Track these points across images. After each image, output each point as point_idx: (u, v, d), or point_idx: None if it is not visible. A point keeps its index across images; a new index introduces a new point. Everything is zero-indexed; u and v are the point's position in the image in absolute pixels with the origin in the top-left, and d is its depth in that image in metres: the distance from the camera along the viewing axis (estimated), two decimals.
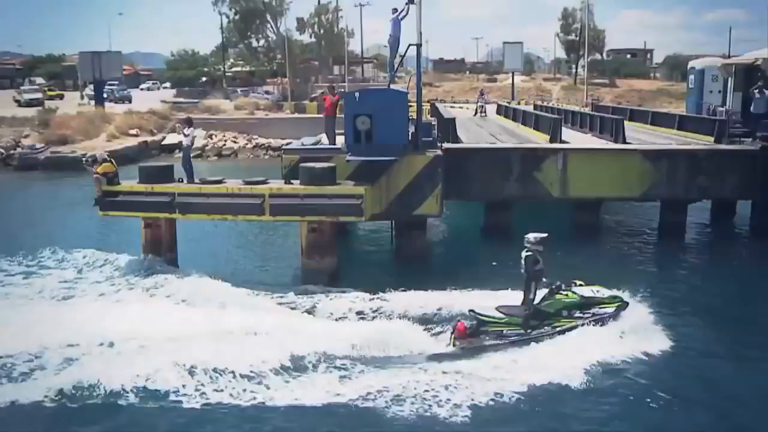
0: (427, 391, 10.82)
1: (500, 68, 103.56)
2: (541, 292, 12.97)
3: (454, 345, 12.48)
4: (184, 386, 10.93)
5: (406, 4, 17.52)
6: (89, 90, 70.60)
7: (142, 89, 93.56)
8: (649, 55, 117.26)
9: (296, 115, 53.15)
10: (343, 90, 67.85)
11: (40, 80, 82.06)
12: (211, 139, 49.16)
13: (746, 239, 21.76)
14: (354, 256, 20.00)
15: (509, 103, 43.42)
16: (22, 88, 71.31)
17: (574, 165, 19.97)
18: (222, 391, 10.88)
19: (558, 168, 20.05)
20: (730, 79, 25.59)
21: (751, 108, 21.79)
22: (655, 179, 20.04)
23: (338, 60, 77.04)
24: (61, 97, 73.76)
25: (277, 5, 70.16)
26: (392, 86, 18.72)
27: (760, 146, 20.41)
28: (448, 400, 10.59)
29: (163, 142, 48.09)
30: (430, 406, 10.46)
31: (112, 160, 17.45)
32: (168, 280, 16.17)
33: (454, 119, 24.03)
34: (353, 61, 79.99)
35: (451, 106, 45.34)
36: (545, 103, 44.83)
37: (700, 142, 22.44)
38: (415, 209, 17.64)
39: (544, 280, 12.55)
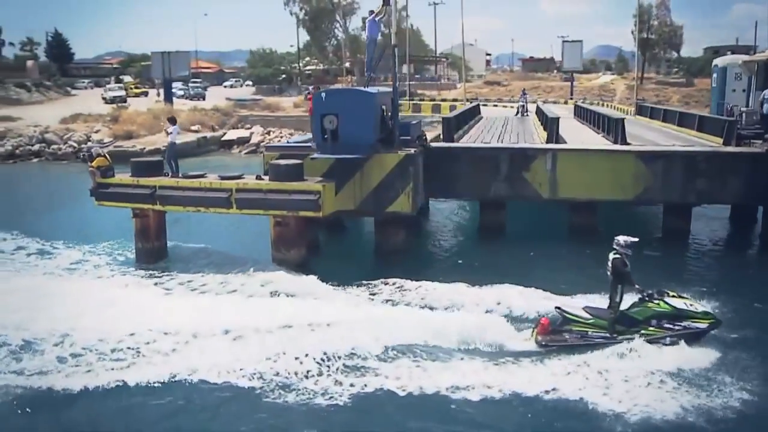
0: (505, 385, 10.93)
1: (591, 67, 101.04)
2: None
3: (536, 341, 12.48)
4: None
5: (383, 5, 17.93)
6: (175, 89, 74.68)
7: (225, 86, 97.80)
8: (752, 52, 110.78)
9: None
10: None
11: (128, 78, 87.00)
12: (269, 135, 50.86)
13: (754, 249, 20.77)
14: (344, 251, 20.71)
15: (544, 103, 42.62)
16: (107, 86, 76.03)
17: (564, 166, 19.72)
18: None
19: (547, 168, 19.88)
20: (753, 77, 24.30)
21: (763, 109, 20.74)
22: (649, 182, 19.48)
23: (409, 58, 77.57)
24: (146, 94, 78.06)
25: (347, 4, 71.45)
26: (371, 86, 19.09)
27: (766, 149, 19.48)
28: (530, 395, 10.67)
29: (222, 138, 50.29)
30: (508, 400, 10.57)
31: (106, 155, 18.85)
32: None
33: (453, 118, 24.13)
34: (425, 60, 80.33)
35: (499, 105, 44.94)
36: (596, 104, 43.68)
37: (710, 143, 21.63)
38: (388, 207, 18.02)
39: (636, 286, 12.28)
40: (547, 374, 11.36)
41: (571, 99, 51.61)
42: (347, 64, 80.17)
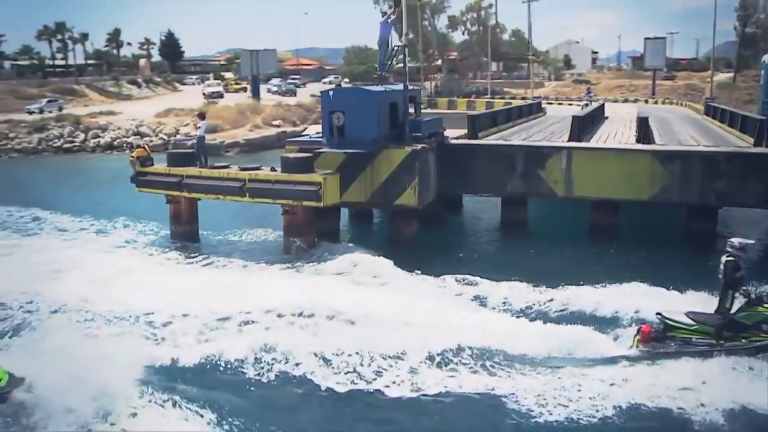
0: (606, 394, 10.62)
1: (708, 65, 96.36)
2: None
3: (636, 347, 12.03)
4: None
5: (394, 7, 18.84)
6: (270, 85, 78.45)
7: (324, 83, 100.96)
8: None
9: (428, 110, 54.93)
10: (475, 89, 68.80)
11: (229, 75, 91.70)
12: None
13: None
14: (362, 240, 21.70)
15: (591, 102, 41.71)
16: (206, 82, 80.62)
17: (579, 164, 19.85)
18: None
19: (562, 167, 20.08)
20: None
21: None
22: (666, 182, 19.28)
23: (497, 56, 77.37)
24: (245, 90, 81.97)
25: (436, 3, 72.18)
26: (384, 85, 20.03)
27: None
28: (626, 404, 10.37)
29: (302, 132, 52.38)
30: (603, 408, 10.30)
31: (146, 147, 20.98)
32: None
33: (478, 115, 24.64)
34: (514, 58, 79.69)
35: (574, 104, 44.40)
36: (674, 103, 42.23)
37: (744, 143, 21.01)
38: (395, 200, 18.95)
39: (744, 289, 11.59)
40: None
41: (651, 98, 50.09)
42: (438, 61, 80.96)
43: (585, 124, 23.03)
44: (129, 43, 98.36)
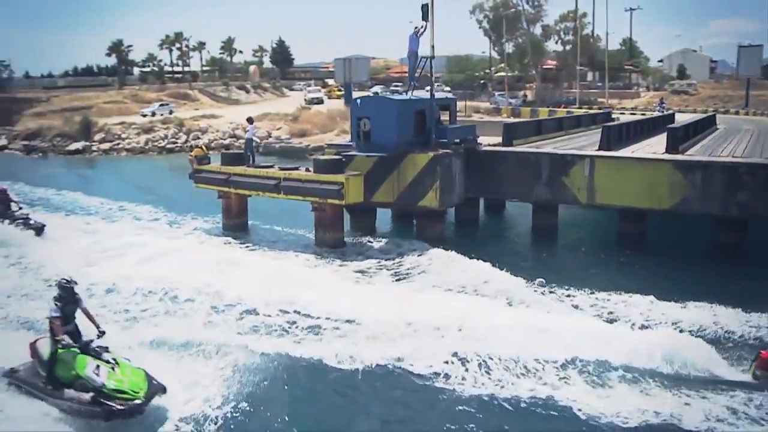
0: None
1: None
2: None
3: (753, 375, 11.27)
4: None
5: (423, 22, 20.32)
6: (371, 92, 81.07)
7: (425, 90, 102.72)
8: None
9: (511, 119, 55.38)
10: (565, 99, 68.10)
11: (331, 81, 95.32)
12: None
13: None
14: (395, 236, 23.06)
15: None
16: (308, 88, 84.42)
17: (602, 172, 20.44)
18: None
19: (585, 174, 20.75)
20: None
21: None
22: (687, 192, 19.53)
23: (597, 66, 76.28)
24: None
25: (536, 11, 72.35)
26: (414, 93, 21.50)
27: None
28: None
29: None
30: None
31: (203, 147, 23.56)
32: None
33: (513, 124, 25.46)
34: (617, 68, 78.26)
35: (643, 114, 43.88)
36: (755, 114, 40.70)
37: None
38: (419, 201, 20.37)
39: None
40: None
41: (743, 109, 48.16)
42: (533, 71, 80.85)
43: (620, 134, 23.34)
44: (241, 51, 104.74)
